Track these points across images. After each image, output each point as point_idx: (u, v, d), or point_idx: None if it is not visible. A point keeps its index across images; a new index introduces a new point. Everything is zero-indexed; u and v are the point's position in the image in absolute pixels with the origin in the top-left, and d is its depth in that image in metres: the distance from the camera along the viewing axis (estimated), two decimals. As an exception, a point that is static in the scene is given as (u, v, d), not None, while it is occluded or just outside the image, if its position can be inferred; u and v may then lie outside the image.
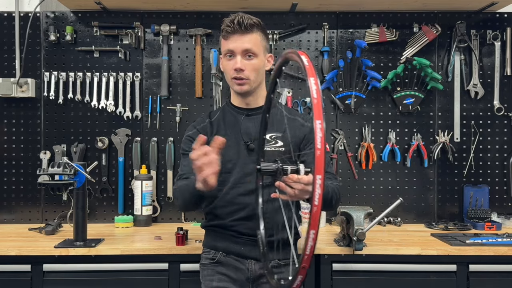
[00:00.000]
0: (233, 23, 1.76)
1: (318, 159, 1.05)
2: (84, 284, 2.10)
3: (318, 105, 1.10)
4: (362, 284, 2.12)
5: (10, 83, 2.59)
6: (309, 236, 1.07)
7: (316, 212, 1.06)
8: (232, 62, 1.78)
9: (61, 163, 2.11)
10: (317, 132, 1.07)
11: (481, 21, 2.73)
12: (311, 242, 1.07)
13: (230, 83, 1.84)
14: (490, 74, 2.73)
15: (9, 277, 2.09)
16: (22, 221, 2.67)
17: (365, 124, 2.72)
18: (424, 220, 2.72)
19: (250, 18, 1.78)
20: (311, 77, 1.14)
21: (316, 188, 1.05)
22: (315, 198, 1.05)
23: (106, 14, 2.69)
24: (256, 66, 1.80)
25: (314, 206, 1.06)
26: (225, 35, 1.79)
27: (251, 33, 1.78)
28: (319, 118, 1.08)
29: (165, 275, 2.11)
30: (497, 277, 2.13)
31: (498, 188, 2.73)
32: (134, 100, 2.70)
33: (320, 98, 1.11)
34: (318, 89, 1.13)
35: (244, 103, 1.87)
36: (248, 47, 1.77)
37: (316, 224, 1.07)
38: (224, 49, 1.80)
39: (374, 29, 2.71)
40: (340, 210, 2.08)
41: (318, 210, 1.06)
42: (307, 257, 1.08)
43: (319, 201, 1.05)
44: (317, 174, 1.05)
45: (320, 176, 1.05)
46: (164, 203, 2.71)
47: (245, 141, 1.81)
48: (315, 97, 1.11)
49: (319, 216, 1.07)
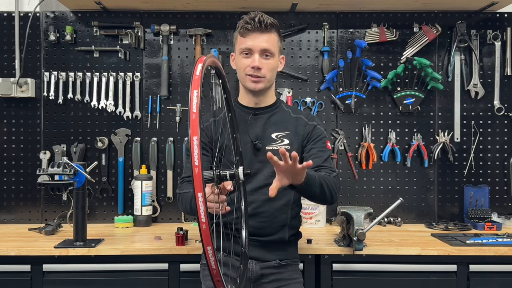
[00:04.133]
0: (254, 21, 1.74)
1: (196, 177, 1.03)
2: (84, 284, 2.10)
3: (195, 121, 1.07)
4: (362, 284, 2.11)
5: (10, 83, 2.58)
6: (207, 252, 1.06)
7: (206, 230, 1.05)
8: (249, 60, 1.78)
9: (61, 163, 2.11)
10: (194, 149, 1.05)
11: (481, 21, 2.73)
12: (212, 257, 1.07)
13: (243, 80, 1.83)
14: (490, 74, 2.73)
15: (9, 277, 2.09)
16: (22, 221, 2.67)
17: (365, 124, 2.72)
18: (424, 220, 2.72)
19: (269, 18, 1.77)
20: (194, 90, 1.12)
21: (200, 205, 1.03)
22: (201, 216, 1.03)
23: (106, 14, 2.69)
24: (272, 66, 1.80)
25: (202, 223, 1.04)
26: (243, 32, 1.77)
27: (270, 32, 1.78)
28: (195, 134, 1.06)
29: (165, 275, 2.11)
30: (498, 277, 2.13)
31: (499, 188, 2.73)
32: (134, 100, 2.69)
33: (198, 114, 1.08)
34: (198, 104, 1.10)
35: (253, 102, 1.87)
36: (266, 47, 1.77)
37: (209, 240, 1.06)
38: (241, 47, 1.79)
39: (374, 29, 2.70)
40: (340, 210, 2.08)
41: (207, 227, 1.04)
42: (216, 271, 1.09)
43: (205, 217, 1.04)
44: (198, 192, 1.03)
45: (201, 193, 1.03)
46: (164, 203, 2.71)
47: (252, 141, 1.81)
48: (194, 111, 1.09)
49: (209, 232, 1.05)
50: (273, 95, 1.92)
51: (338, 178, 1.82)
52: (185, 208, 1.79)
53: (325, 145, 1.87)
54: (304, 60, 2.73)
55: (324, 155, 1.83)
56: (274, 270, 1.81)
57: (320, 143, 1.86)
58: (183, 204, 1.79)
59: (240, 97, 1.92)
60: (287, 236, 1.83)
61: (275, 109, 1.90)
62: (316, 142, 1.86)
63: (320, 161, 1.80)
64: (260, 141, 1.81)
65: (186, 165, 1.92)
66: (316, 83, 2.73)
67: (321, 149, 1.84)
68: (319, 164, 1.79)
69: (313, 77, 2.73)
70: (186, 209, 1.77)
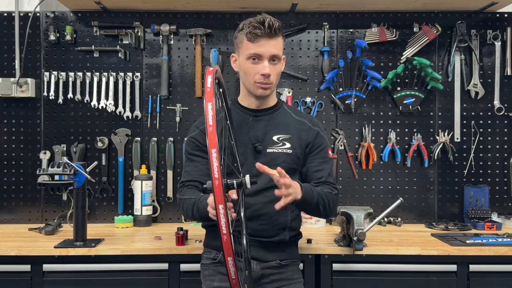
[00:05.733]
0: (264, 26, 1.69)
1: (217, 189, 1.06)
2: (84, 284, 2.10)
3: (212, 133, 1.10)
4: (362, 284, 2.11)
5: (10, 83, 2.58)
6: (228, 262, 1.10)
7: (227, 241, 1.07)
8: (258, 66, 1.73)
9: (61, 163, 2.11)
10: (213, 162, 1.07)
11: (481, 21, 2.73)
12: (233, 268, 1.10)
13: (250, 86, 1.78)
14: (490, 74, 2.73)
15: (9, 277, 2.09)
16: (22, 221, 2.67)
17: (365, 124, 2.72)
18: (424, 220, 2.72)
19: (276, 21, 1.72)
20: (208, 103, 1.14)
21: (221, 217, 1.05)
22: (222, 228, 1.05)
23: (106, 14, 2.69)
24: (279, 71, 1.79)
25: (223, 234, 1.06)
26: (252, 38, 1.71)
27: (277, 37, 1.74)
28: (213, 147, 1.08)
29: (165, 275, 2.11)
30: (498, 277, 2.13)
31: (499, 188, 2.73)
32: (134, 100, 2.69)
33: (215, 127, 1.11)
34: (214, 116, 1.13)
35: (254, 105, 1.84)
36: (275, 53, 1.73)
37: (230, 251, 1.08)
38: (249, 52, 1.72)
39: (374, 29, 2.70)
40: (340, 210, 2.08)
41: (228, 238, 1.07)
42: (235, 281, 1.14)
43: (226, 228, 1.05)
44: (219, 204, 1.05)
45: (222, 205, 1.05)
46: (164, 203, 2.71)
47: (253, 143, 1.80)
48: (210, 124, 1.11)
49: (230, 243, 1.08)
50: (274, 97, 1.90)
51: (338, 195, 1.87)
52: (187, 214, 1.77)
53: (327, 155, 1.89)
54: (304, 60, 2.73)
55: (327, 168, 1.86)
56: (274, 270, 1.81)
57: (322, 153, 1.88)
58: (185, 210, 1.77)
59: (240, 97, 1.89)
60: (287, 237, 1.83)
61: (277, 110, 1.88)
62: (319, 152, 1.87)
63: (324, 175, 1.84)
64: (261, 143, 1.80)
65: (185, 169, 1.88)
66: (316, 83, 2.73)
67: (324, 160, 1.87)
68: (324, 180, 1.84)
69: (313, 77, 2.73)
70: (188, 215, 1.76)
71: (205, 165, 1.84)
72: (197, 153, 1.85)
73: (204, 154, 1.84)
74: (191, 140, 1.87)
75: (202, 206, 1.64)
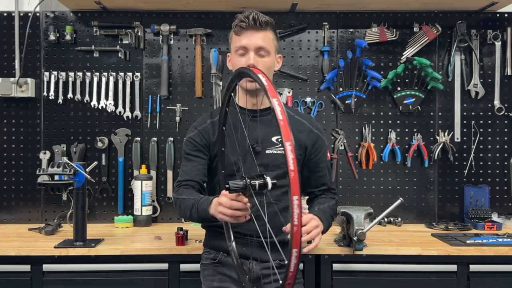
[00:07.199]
0: (248, 19, 1.73)
1: (293, 181, 1.05)
2: (84, 284, 2.09)
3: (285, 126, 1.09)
4: (362, 284, 2.11)
5: (10, 83, 2.58)
6: (292, 254, 1.09)
7: (297, 232, 1.07)
8: (244, 58, 1.76)
9: (61, 163, 2.11)
10: (289, 154, 1.07)
11: (481, 21, 2.73)
12: (295, 260, 1.10)
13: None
14: (490, 74, 2.72)
15: (9, 277, 2.09)
16: (22, 221, 2.67)
17: (365, 124, 2.72)
18: (425, 220, 2.71)
19: (264, 16, 1.76)
20: (274, 98, 1.13)
21: (294, 208, 1.05)
22: (294, 218, 1.05)
23: (106, 14, 2.69)
24: (268, 65, 1.78)
25: (294, 226, 1.06)
26: (238, 31, 1.76)
27: (265, 30, 1.76)
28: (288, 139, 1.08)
29: (165, 275, 2.11)
30: (498, 277, 2.13)
31: (499, 188, 2.73)
32: (134, 100, 2.69)
33: (286, 119, 1.10)
34: (283, 110, 1.12)
35: (250, 103, 1.84)
36: (261, 45, 1.75)
37: (298, 243, 1.09)
38: (236, 45, 1.77)
39: (375, 29, 2.70)
40: (340, 210, 2.08)
41: (298, 230, 1.07)
42: (292, 274, 1.13)
43: (298, 220, 1.06)
44: (294, 195, 1.06)
45: (297, 196, 1.05)
46: (164, 203, 2.71)
47: (250, 144, 1.79)
48: (280, 118, 1.10)
49: (299, 235, 1.08)
50: None
51: (338, 202, 1.96)
52: (184, 214, 1.76)
53: (326, 158, 1.95)
54: (304, 60, 2.73)
55: (329, 173, 1.96)
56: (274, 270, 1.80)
57: (324, 157, 1.93)
58: (182, 210, 1.76)
59: (237, 97, 1.88)
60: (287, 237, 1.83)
61: None
62: (321, 157, 1.91)
63: (327, 182, 1.93)
64: (259, 144, 1.79)
65: (182, 168, 1.87)
66: (316, 83, 2.73)
67: (326, 165, 1.94)
68: (328, 187, 1.93)
69: (313, 77, 2.73)
70: (186, 215, 1.76)
71: (203, 165, 1.84)
72: (195, 153, 1.85)
73: (202, 155, 1.84)
74: (190, 140, 1.87)
75: (202, 208, 1.64)
